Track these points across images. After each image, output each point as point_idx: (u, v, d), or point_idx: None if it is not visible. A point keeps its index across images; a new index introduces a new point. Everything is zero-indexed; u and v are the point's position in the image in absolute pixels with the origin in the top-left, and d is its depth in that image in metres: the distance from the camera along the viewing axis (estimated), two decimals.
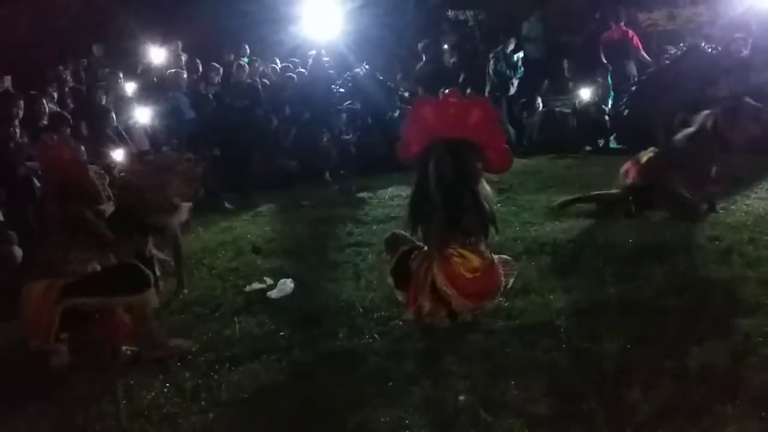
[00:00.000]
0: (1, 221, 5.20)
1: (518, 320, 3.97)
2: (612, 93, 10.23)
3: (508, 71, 10.36)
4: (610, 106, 10.08)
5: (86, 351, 3.81)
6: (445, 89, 7.93)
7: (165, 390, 3.54)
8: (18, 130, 5.88)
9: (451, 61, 11.00)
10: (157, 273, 4.92)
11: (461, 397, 3.19)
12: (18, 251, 5.09)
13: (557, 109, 10.36)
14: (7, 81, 7.39)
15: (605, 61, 10.21)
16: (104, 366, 3.75)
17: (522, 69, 10.54)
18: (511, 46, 10.66)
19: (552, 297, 4.22)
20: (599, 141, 9.92)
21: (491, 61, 10.33)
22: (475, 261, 3.78)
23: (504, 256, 4.00)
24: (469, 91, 9.87)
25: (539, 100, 10.51)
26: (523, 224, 5.85)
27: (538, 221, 5.93)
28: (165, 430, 3.19)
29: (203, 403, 3.41)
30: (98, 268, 3.90)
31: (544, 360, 3.47)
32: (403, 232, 4.22)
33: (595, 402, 3.03)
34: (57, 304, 3.59)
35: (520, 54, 10.63)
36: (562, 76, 11.18)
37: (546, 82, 10.84)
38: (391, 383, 3.43)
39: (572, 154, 9.39)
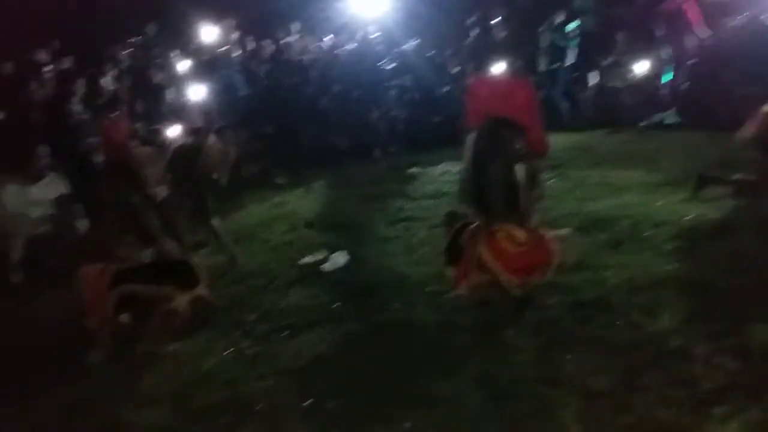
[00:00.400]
0: (67, 194, 5.39)
1: (572, 296, 3.93)
2: (669, 66, 9.90)
3: (562, 43, 10.11)
4: (667, 80, 9.76)
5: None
6: (495, 64, 7.89)
7: (225, 356, 3.67)
8: (78, 108, 6.07)
9: (501, 35, 10.80)
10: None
11: None
12: (83, 224, 5.29)
13: (612, 84, 10.09)
14: (68, 61, 7.60)
15: (662, 34, 9.87)
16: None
17: (577, 39, 10.28)
18: (561, 18, 10.40)
19: (607, 273, 4.16)
20: (655, 116, 9.64)
21: (545, 34, 10.08)
22: (521, 236, 3.81)
23: (560, 231, 3.99)
24: (518, 65, 9.73)
25: (593, 74, 10.26)
26: (577, 200, 5.76)
27: (592, 197, 5.82)
28: (227, 394, 3.31)
29: (262, 370, 3.53)
30: (150, 255, 3.97)
31: (600, 335, 3.44)
32: (459, 209, 4.26)
33: (653, 378, 3.01)
34: (111, 291, 3.71)
35: (576, 23, 10.35)
36: (617, 49, 10.87)
37: (600, 55, 10.54)
38: (445, 356, 3.47)
39: (627, 129, 9.16)
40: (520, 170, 3.93)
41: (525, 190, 3.92)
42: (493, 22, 10.99)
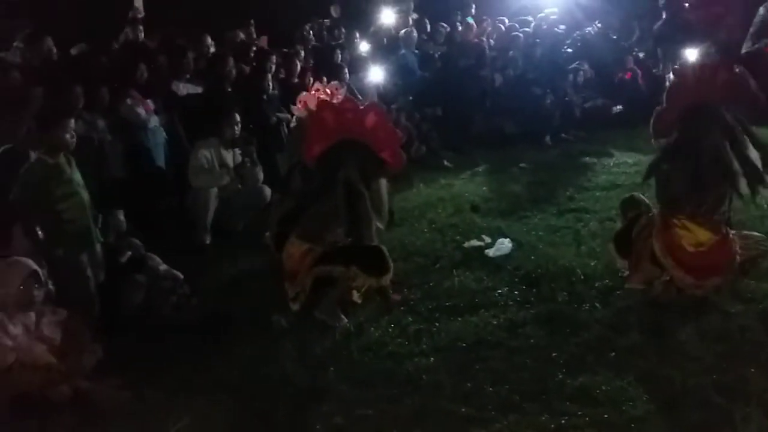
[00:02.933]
0: (252, 163, 5.81)
1: (762, 304, 3.62)
2: None
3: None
4: None
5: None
6: (686, 48, 7.39)
7: (390, 330, 3.81)
8: (271, 84, 6.50)
9: (695, 18, 9.98)
10: None
11: None
12: (267, 190, 5.71)
13: None
14: (263, 40, 8.17)
15: None
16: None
17: None
18: None
19: None
20: None
21: (762, 10, 8.99)
22: (702, 235, 3.63)
23: (753, 233, 3.69)
24: (712, 50, 8.95)
25: None
26: None
27: None
28: (391, 366, 3.45)
29: (425, 346, 3.62)
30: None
31: None
32: (637, 196, 4.09)
33: None
34: (311, 270, 3.89)
35: None
36: None
37: None
38: (613, 353, 3.35)
39: None
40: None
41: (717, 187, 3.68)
42: (686, 3, 10.22)
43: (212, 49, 6.98)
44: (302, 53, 7.52)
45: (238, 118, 5.66)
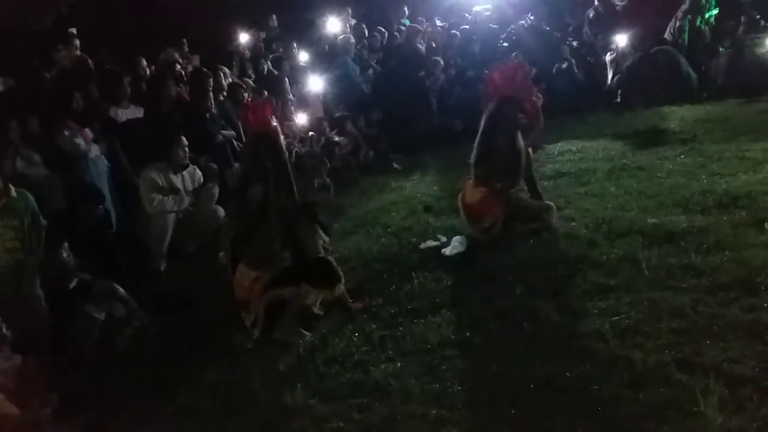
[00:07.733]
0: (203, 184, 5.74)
1: (711, 278, 3.72)
2: None
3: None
4: None
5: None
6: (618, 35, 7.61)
7: (354, 339, 3.80)
8: (212, 103, 6.42)
9: (623, 4, 10.29)
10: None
11: None
12: (220, 210, 5.64)
13: (747, 49, 9.30)
14: (196, 59, 8.04)
15: None
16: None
17: (714, 13, 9.56)
18: None
19: (749, 253, 3.89)
20: None
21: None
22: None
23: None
24: (640, 36, 9.24)
25: (728, 40, 9.50)
26: (711, 176, 5.42)
27: (729, 172, 5.45)
28: (358, 376, 3.43)
29: (390, 352, 3.62)
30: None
31: (744, 319, 3.25)
32: None
33: None
34: (262, 297, 3.88)
35: (713, 12, 9.63)
36: (754, 14, 10.01)
37: (740, 20, 9.71)
38: (574, 340, 3.40)
39: (766, 98, 8.43)
40: None
41: None
42: None
43: (148, 72, 6.82)
44: (234, 67, 7.43)
45: (185, 141, 5.57)
